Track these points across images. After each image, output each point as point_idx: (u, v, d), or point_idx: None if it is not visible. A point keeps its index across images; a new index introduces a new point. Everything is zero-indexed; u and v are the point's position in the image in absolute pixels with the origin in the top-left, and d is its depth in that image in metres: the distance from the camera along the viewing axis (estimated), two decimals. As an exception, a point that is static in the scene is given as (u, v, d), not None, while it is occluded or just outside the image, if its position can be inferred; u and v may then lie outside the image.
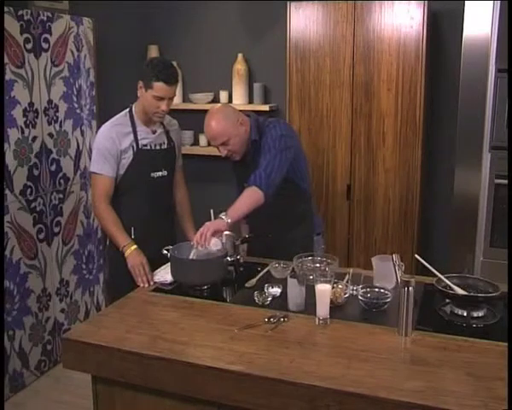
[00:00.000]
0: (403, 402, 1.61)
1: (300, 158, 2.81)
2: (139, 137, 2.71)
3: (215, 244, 2.48)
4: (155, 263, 2.58)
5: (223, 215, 2.46)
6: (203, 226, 2.44)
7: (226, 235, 2.84)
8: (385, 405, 1.62)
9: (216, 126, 2.61)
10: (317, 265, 2.48)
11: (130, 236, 2.69)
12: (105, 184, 2.68)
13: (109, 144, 2.66)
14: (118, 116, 2.76)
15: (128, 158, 2.69)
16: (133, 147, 2.70)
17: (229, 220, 2.44)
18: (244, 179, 2.78)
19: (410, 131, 3.61)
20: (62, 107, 3.62)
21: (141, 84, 2.64)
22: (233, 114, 2.68)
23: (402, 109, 3.60)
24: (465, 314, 2.09)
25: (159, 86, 2.58)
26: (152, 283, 2.53)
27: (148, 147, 2.74)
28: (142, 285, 2.51)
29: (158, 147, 2.78)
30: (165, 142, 2.82)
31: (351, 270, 2.51)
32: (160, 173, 2.78)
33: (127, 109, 2.77)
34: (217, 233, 2.45)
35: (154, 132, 2.77)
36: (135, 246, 2.62)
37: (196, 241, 2.42)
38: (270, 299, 2.26)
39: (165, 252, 2.51)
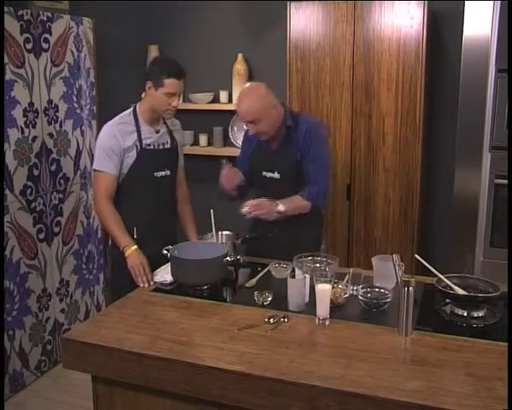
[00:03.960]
0: (403, 402, 1.61)
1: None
2: (143, 137, 2.71)
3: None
4: (157, 263, 2.58)
5: (281, 206, 2.59)
6: (257, 202, 2.58)
7: (226, 235, 2.85)
8: (385, 405, 1.62)
9: (248, 105, 2.62)
10: (317, 265, 2.48)
11: (133, 235, 2.68)
12: (107, 181, 2.67)
13: (113, 142, 2.65)
14: (121, 115, 2.76)
15: (132, 157, 2.69)
16: (137, 146, 2.70)
17: (281, 209, 2.59)
18: (262, 166, 2.80)
19: (410, 131, 3.60)
20: (62, 107, 3.62)
21: (149, 84, 2.64)
22: (268, 95, 2.68)
23: (402, 109, 3.60)
24: (465, 314, 2.09)
25: (170, 83, 2.60)
26: (152, 283, 2.53)
27: (152, 146, 2.74)
28: (141, 285, 2.51)
29: (161, 146, 2.78)
30: (169, 141, 2.82)
31: (351, 270, 2.51)
32: (163, 173, 2.78)
33: (131, 109, 2.76)
34: (267, 212, 2.59)
35: (157, 132, 2.77)
36: (135, 246, 2.61)
37: (249, 210, 2.55)
38: (270, 299, 2.26)
39: (165, 252, 2.51)
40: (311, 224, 2.81)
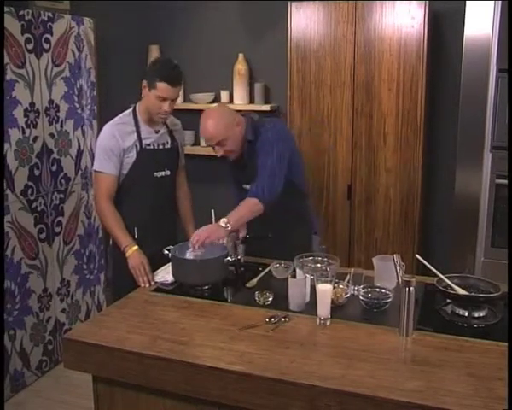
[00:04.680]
0: (403, 402, 1.61)
1: (296, 157, 2.81)
2: (142, 137, 2.71)
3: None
4: (158, 263, 2.58)
5: (223, 222, 2.47)
6: (201, 229, 2.47)
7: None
8: (385, 405, 1.62)
9: (212, 126, 2.60)
10: (318, 265, 2.48)
11: (133, 235, 2.68)
12: (107, 182, 2.68)
13: (112, 143, 2.65)
14: (121, 115, 2.76)
15: (131, 157, 2.69)
16: (136, 146, 2.69)
17: (229, 228, 2.47)
18: (240, 180, 2.79)
19: (411, 132, 3.60)
20: (63, 107, 3.63)
21: (145, 83, 2.63)
22: (229, 114, 2.69)
23: (403, 109, 3.60)
24: (466, 314, 2.09)
25: (162, 87, 2.57)
26: (153, 283, 2.53)
27: (152, 146, 2.74)
28: (142, 285, 2.51)
29: (161, 146, 2.78)
30: (169, 141, 2.82)
31: (352, 270, 2.51)
32: (163, 173, 2.78)
33: (130, 109, 2.76)
34: (215, 241, 2.49)
35: (157, 132, 2.77)
36: (136, 247, 2.61)
37: (192, 244, 2.45)
38: (270, 299, 2.26)
39: (165, 252, 2.51)
40: (295, 222, 2.82)
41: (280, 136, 2.70)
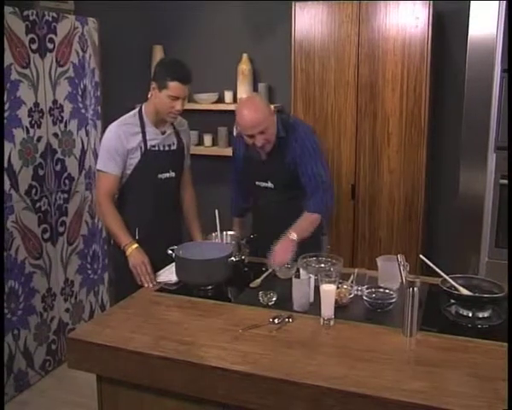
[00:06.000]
0: (407, 403, 1.61)
1: None
2: (148, 138, 2.70)
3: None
4: (160, 264, 2.58)
5: (292, 236, 2.54)
6: (277, 249, 2.53)
7: (231, 235, 2.85)
8: (389, 405, 1.62)
9: (256, 114, 2.55)
10: (322, 265, 2.48)
11: (135, 236, 2.68)
12: (109, 182, 2.69)
13: (116, 143, 2.65)
14: (126, 116, 2.76)
15: (135, 158, 2.69)
16: (141, 147, 2.69)
17: (295, 238, 2.54)
18: (255, 176, 2.78)
19: (415, 132, 3.60)
20: (67, 107, 3.63)
21: (154, 84, 2.64)
22: (266, 103, 2.68)
23: (407, 109, 3.60)
24: (470, 315, 2.08)
25: (174, 86, 2.58)
26: (155, 282, 2.53)
27: (157, 148, 2.74)
28: (146, 285, 2.51)
29: (167, 148, 2.78)
30: (175, 142, 2.82)
31: (355, 270, 2.51)
32: (167, 175, 2.77)
33: (136, 109, 2.76)
34: (286, 253, 2.52)
35: (163, 133, 2.76)
36: (136, 245, 2.61)
37: (278, 264, 2.50)
38: (274, 299, 2.26)
39: (169, 252, 2.51)
40: None
41: (315, 140, 2.74)
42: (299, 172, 2.68)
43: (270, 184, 2.75)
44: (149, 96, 2.70)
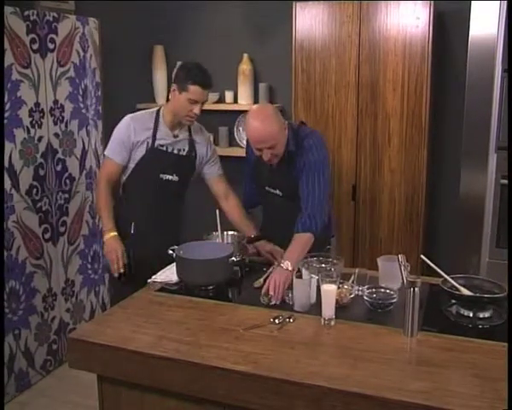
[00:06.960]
0: (408, 403, 1.61)
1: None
2: (158, 137, 2.74)
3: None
4: (153, 263, 2.58)
5: (286, 266, 2.29)
6: (272, 280, 2.26)
7: (232, 235, 2.85)
8: (390, 405, 1.62)
9: (265, 129, 2.42)
10: (323, 265, 2.48)
11: (131, 230, 2.76)
12: (112, 168, 2.78)
13: (125, 134, 2.73)
14: (144, 111, 2.84)
15: (140, 153, 2.74)
16: (148, 143, 2.73)
17: (291, 268, 2.29)
18: (264, 182, 2.73)
19: (416, 132, 3.60)
20: (68, 107, 3.63)
21: (174, 87, 2.68)
22: (279, 115, 2.51)
23: (407, 110, 3.59)
24: (471, 315, 2.08)
25: (194, 89, 2.62)
26: (121, 270, 2.65)
27: (165, 148, 2.76)
28: (115, 274, 2.66)
29: (175, 151, 2.79)
30: (186, 149, 2.82)
31: (356, 270, 2.50)
32: (169, 177, 2.78)
33: (156, 108, 2.82)
34: (284, 283, 2.27)
35: (175, 136, 2.79)
36: (114, 233, 2.70)
37: (275, 298, 2.24)
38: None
39: (170, 252, 2.52)
40: None
41: (324, 155, 2.59)
42: (300, 181, 2.56)
43: (278, 192, 2.72)
44: (169, 97, 2.74)
